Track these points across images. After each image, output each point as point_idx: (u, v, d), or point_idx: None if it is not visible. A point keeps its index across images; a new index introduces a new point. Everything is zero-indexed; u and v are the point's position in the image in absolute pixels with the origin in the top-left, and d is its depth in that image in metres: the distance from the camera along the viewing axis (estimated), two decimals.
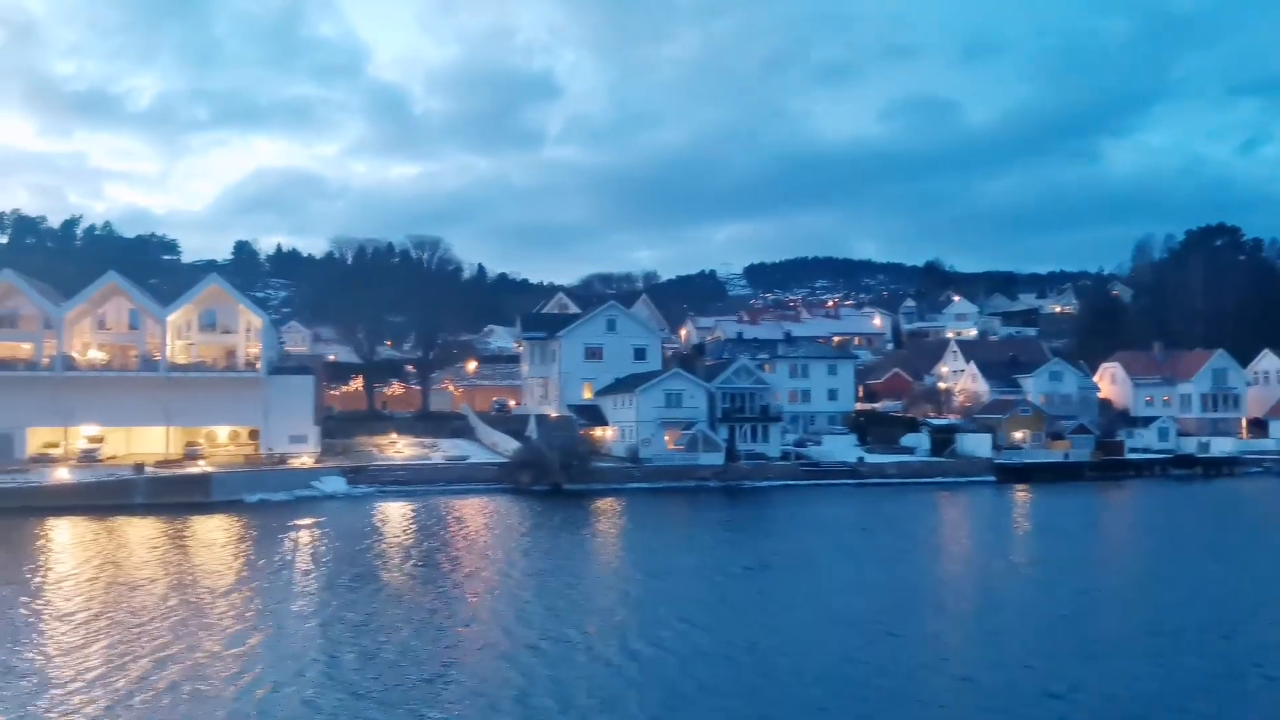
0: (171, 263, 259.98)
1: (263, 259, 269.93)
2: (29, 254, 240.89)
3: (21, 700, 27.68)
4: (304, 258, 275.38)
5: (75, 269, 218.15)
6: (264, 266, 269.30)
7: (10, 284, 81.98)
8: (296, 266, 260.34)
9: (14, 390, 79.97)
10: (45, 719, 26.37)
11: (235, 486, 74.61)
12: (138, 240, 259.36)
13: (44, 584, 44.23)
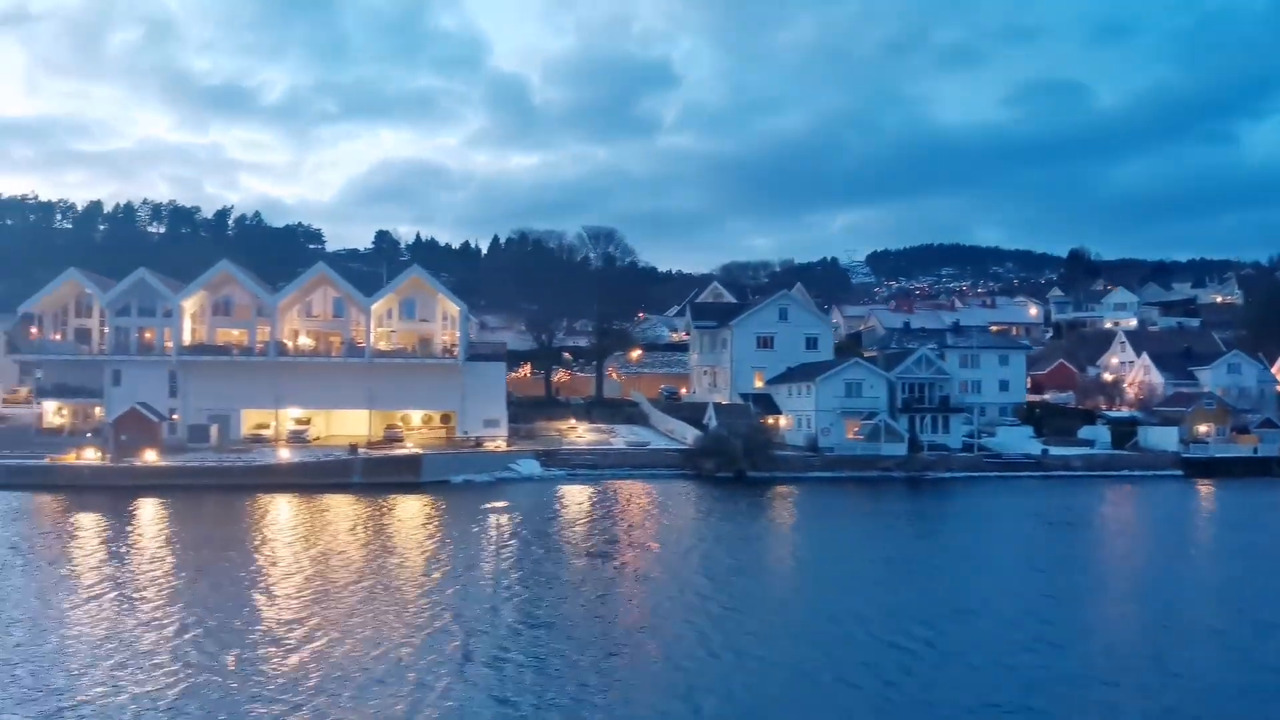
0: (316, 251, 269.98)
1: (402, 248, 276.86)
2: (184, 243, 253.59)
3: (236, 660, 29.65)
4: (441, 247, 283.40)
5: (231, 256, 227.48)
6: (403, 255, 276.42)
7: (227, 273, 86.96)
8: (434, 255, 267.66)
9: (230, 374, 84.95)
10: (244, 675, 28.13)
11: (442, 468, 77.95)
12: (285, 230, 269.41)
13: (271, 555, 47.02)
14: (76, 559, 45.27)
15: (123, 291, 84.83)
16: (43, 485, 70.62)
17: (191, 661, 29.15)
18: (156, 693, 26.38)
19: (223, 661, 29.24)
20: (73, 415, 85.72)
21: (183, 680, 27.40)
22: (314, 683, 27.33)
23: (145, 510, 62.07)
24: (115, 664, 28.84)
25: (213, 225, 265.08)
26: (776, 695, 27.27)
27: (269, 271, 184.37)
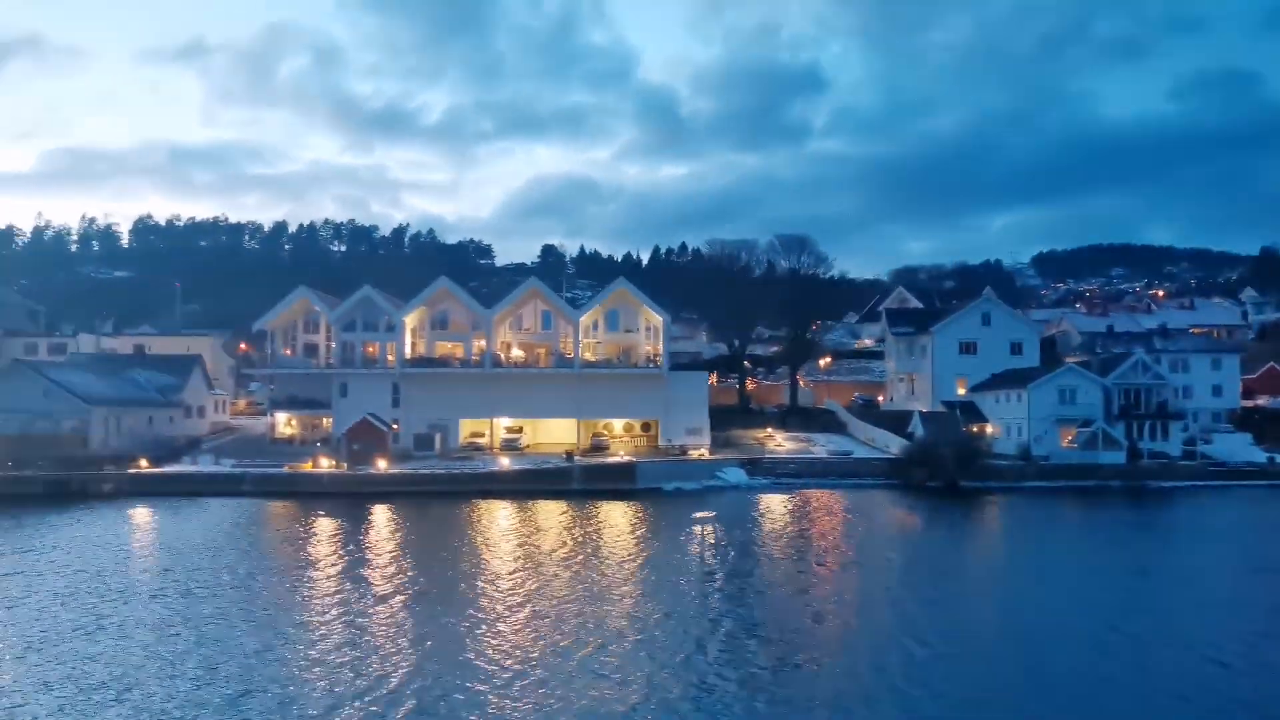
0: (486, 266, 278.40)
1: (567, 261, 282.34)
2: (363, 260, 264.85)
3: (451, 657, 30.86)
4: (604, 259, 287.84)
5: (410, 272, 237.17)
6: (568, 268, 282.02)
7: (445, 289, 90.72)
8: (596, 267, 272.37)
9: (448, 385, 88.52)
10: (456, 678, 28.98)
11: (655, 475, 79.33)
12: (457, 245, 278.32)
13: (505, 556, 48.81)
14: (339, 560, 48.01)
15: (348, 308, 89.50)
16: (287, 492, 74.99)
17: (429, 654, 31.07)
18: (397, 685, 28.11)
19: (455, 652, 31.25)
20: (301, 426, 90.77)
21: (416, 674, 29.12)
22: (535, 674, 28.86)
23: (380, 515, 65.24)
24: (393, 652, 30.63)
25: (389, 242, 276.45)
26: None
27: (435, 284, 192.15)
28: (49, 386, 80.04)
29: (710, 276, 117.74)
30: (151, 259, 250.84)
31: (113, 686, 27.84)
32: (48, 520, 61.63)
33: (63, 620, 35.46)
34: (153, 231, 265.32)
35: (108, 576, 43.57)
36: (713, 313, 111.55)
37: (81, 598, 39.17)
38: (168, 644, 32.30)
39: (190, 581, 42.50)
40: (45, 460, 76.19)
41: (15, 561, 47.05)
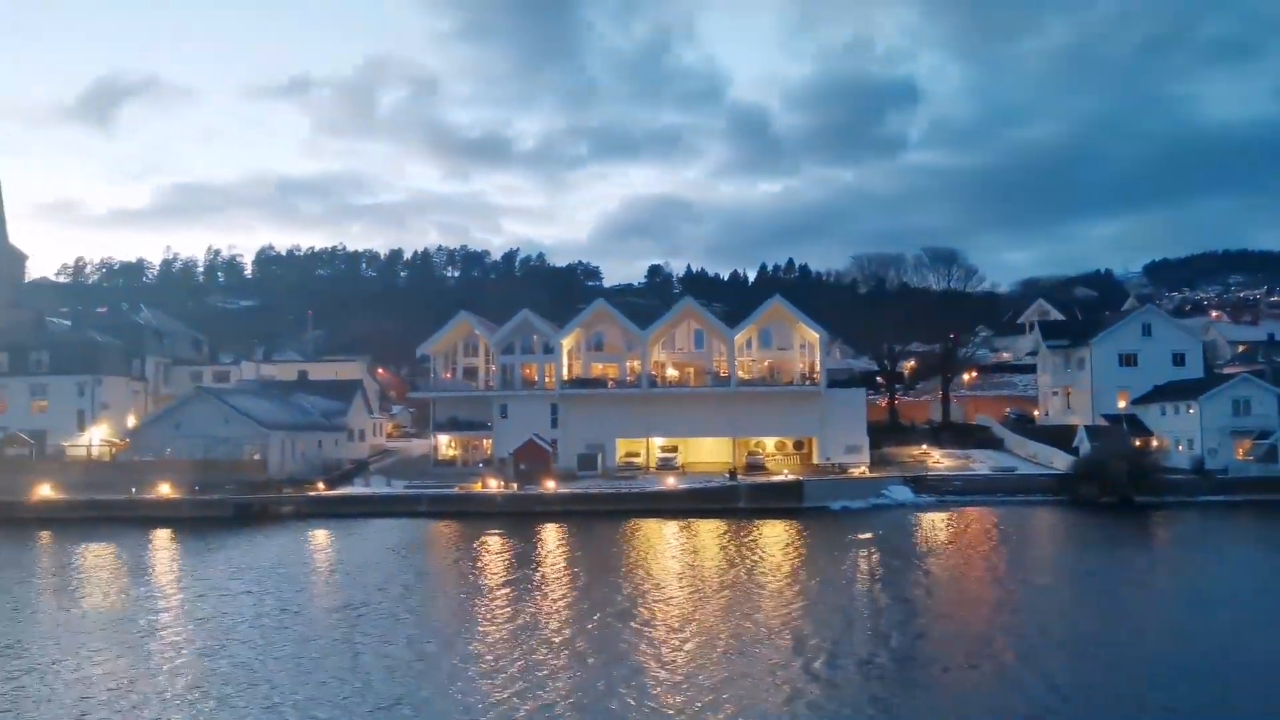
0: (594, 288, 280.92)
1: (674, 280, 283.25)
2: (477, 284, 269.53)
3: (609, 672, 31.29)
4: (710, 277, 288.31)
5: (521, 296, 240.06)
6: (675, 288, 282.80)
7: (602, 311, 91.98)
8: (703, 286, 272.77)
9: (605, 406, 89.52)
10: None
11: (822, 493, 78.93)
12: (567, 268, 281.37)
13: (668, 576, 48.82)
14: (520, 577, 48.96)
15: (508, 332, 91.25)
16: (461, 513, 76.45)
17: (606, 669, 31.66)
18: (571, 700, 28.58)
19: (626, 667, 31.80)
20: (463, 447, 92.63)
21: (588, 688, 29.60)
22: (707, 692, 28.92)
23: (551, 534, 66.26)
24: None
25: (500, 267, 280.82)
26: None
27: (553, 308, 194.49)
28: (230, 413, 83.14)
29: (849, 292, 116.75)
30: (274, 288, 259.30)
31: (303, 702, 28.90)
32: (235, 541, 64.19)
33: (250, 636, 37.12)
34: (274, 261, 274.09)
35: (295, 595, 45.43)
36: (854, 328, 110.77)
37: (272, 615, 40.85)
38: (352, 659, 33.46)
39: (378, 598, 44.08)
40: (231, 484, 79.16)
41: (208, 581, 49.08)
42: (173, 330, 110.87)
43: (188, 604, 43.77)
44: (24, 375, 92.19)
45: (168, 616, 41.14)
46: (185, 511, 75.82)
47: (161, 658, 34.19)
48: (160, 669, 32.64)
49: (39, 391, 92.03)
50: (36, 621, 40.97)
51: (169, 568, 56.00)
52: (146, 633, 38.09)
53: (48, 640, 37.08)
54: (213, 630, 38.14)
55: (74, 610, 43.14)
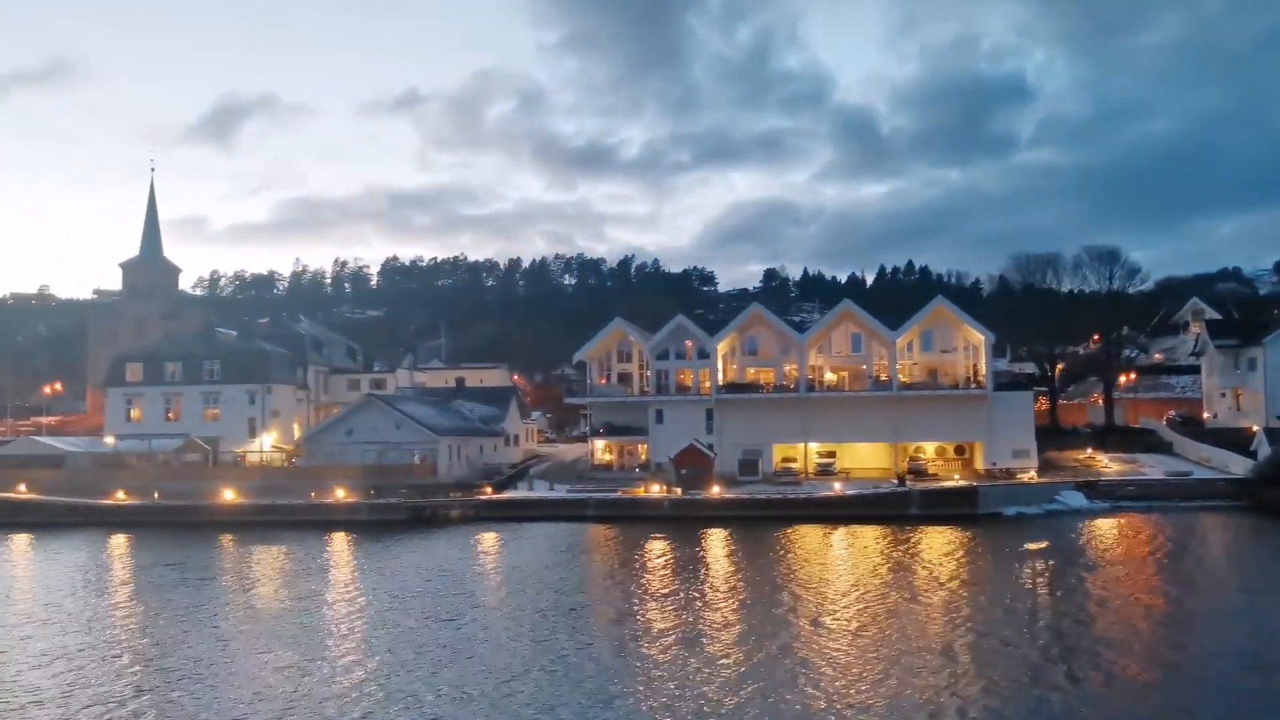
0: (709, 293, 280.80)
1: (791, 284, 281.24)
2: (593, 291, 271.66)
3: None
4: (828, 280, 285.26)
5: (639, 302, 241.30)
6: (792, 291, 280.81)
7: (758, 314, 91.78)
8: (821, 288, 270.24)
9: (761, 411, 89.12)
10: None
11: (995, 500, 77.12)
12: (683, 274, 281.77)
13: (842, 582, 48.33)
14: (695, 582, 49.30)
15: (663, 337, 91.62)
16: (627, 517, 76.81)
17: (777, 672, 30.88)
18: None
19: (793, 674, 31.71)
20: (619, 452, 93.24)
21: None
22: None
23: (717, 539, 66.14)
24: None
25: (616, 273, 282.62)
26: None
27: (670, 314, 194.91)
28: (400, 419, 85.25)
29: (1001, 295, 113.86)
30: (399, 298, 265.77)
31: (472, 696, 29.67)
32: (412, 543, 66.09)
33: (427, 636, 38.12)
34: (398, 272, 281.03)
35: (465, 596, 46.71)
36: (1008, 329, 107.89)
37: (445, 615, 42.02)
38: (557, 658, 34.23)
39: (566, 599, 45.35)
40: (404, 488, 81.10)
41: (386, 581, 50.81)
42: (329, 340, 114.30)
43: (379, 602, 45.42)
44: (197, 384, 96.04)
45: (362, 615, 42.75)
46: (362, 515, 77.90)
47: (354, 655, 35.56)
48: (362, 666, 33.91)
49: (211, 400, 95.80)
50: (223, 618, 42.65)
51: (356, 568, 57.75)
52: (343, 632, 39.62)
53: (233, 637, 38.84)
54: (404, 629, 39.45)
55: (265, 608, 45.00)
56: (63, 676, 32.96)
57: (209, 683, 32.09)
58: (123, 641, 38.59)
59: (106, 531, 75.74)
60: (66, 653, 36.21)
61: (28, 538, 73.71)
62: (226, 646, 37.35)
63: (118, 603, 47.29)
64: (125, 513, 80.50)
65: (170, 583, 52.13)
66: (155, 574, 55.35)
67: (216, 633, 39.71)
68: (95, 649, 37.03)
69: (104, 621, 42.42)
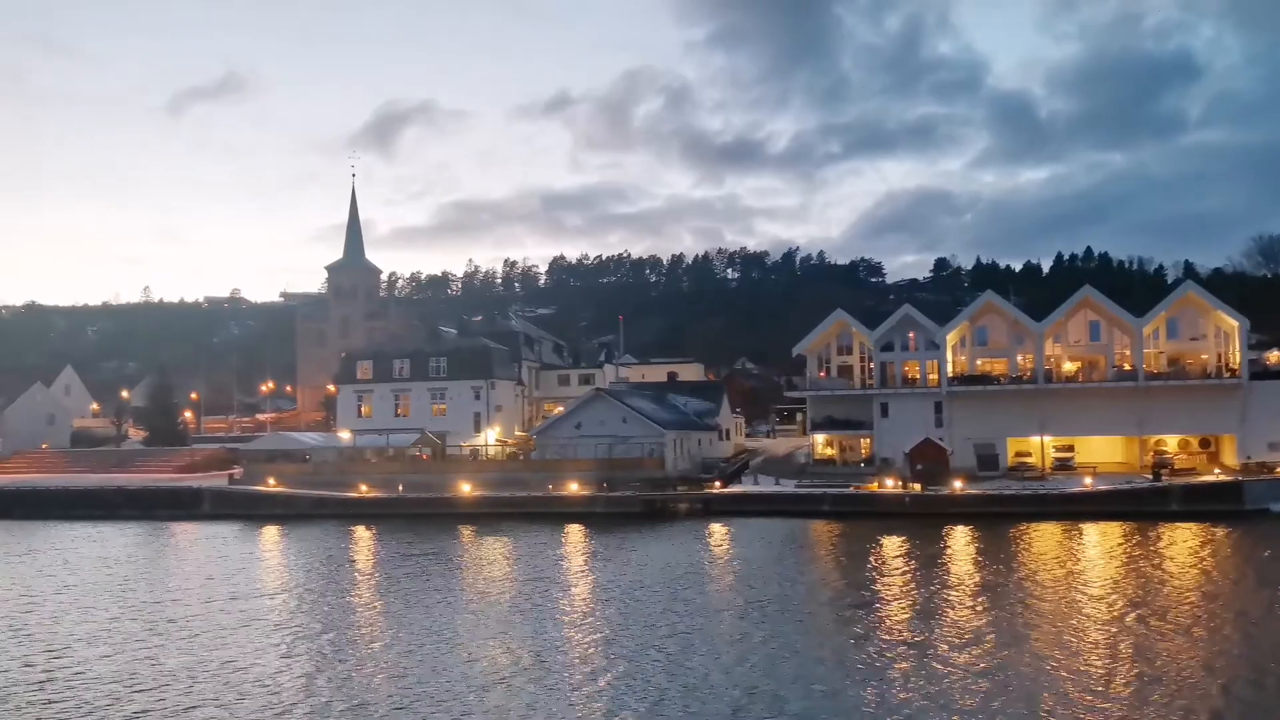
0: (877, 284, 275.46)
1: (963, 274, 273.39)
2: (756, 285, 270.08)
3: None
4: (1001, 269, 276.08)
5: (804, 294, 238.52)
6: (963, 280, 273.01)
7: (990, 304, 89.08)
8: (997, 277, 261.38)
9: (993, 403, 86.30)
10: None
11: (1262, 495, 72.66)
12: (849, 265, 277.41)
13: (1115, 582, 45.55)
14: (980, 579, 46.54)
15: (887, 329, 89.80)
16: (864, 513, 75.27)
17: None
18: None
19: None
20: (840, 446, 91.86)
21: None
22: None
23: (960, 536, 64.08)
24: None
25: (781, 267, 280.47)
26: None
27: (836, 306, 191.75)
28: (628, 413, 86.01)
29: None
30: (566, 296, 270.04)
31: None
32: (642, 536, 66.34)
33: (668, 625, 37.92)
34: (565, 271, 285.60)
35: (707, 587, 46.86)
36: None
37: (686, 606, 41.82)
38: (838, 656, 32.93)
39: (824, 593, 44.73)
40: (635, 482, 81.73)
41: (631, 571, 51.21)
42: (539, 337, 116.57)
43: (622, 590, 45.89)
44: (424, 380, 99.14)
45: (611, 601, 43.39)
46: (598, 508, 78.76)
47: (599, 641, 35.73)
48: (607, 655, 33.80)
49: (438, 395, 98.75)
50: (465, 608, 43.14)
51: (601, 558, 57.94)
52: (590, 618, 39.96)
53: (480, 624, 39.33)
54: (648, 618, 39.54)
55: (516, 595, 45.65)
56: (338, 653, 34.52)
57: (470, 666, 32.67)
58: (377, 624, 40.31)
59: (349, 523, 78.86)
60: (334, 630, 38.26)
61: (277, 528, 77.31)
62: (477, 629, 38.23)
63: (375, 588, 49.49)
64: (369, 505, 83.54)
65: (420, 570, 53.83)
66: (412, 563, 56.86)
67: (470, 617, 40.56)
68: (357, 629, 39.07)
69: (364, 606, 44.69)
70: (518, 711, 27.29)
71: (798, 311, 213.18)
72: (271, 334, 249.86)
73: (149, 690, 29.86)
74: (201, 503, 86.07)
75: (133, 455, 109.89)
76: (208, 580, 51.67)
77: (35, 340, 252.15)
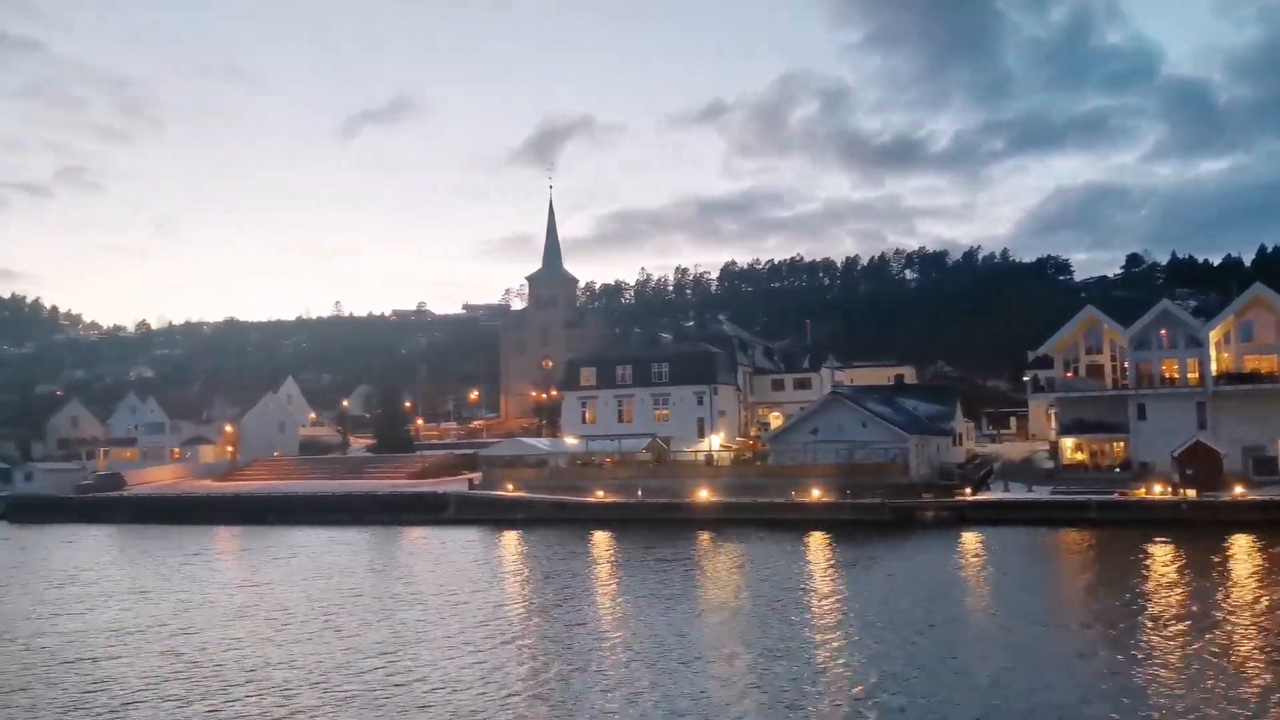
0: (1064, 282, 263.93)
1: (1158, 269, 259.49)
2: (937, 286, 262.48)
3: None
4: (1200, 264, 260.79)
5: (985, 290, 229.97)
6: (1158, 276, 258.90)
7: (1258, 297, 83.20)
8: (1194, 273, 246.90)
9: (1267, 403, 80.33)
10: None
11: None
12: (1035, 263, 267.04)
13: None
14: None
15: (1143, 326, 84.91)
16: (1135, 520, 70.83)
17: None
18: None
19: None
20: (1089, 450, 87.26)
21: None
22: None
23: (1242, 546, 59.23)
24: None
25: (960, 266, 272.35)
26: None
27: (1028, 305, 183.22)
28: (867, 417, 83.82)
29: None
30: (740, 302, 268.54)
31: None
32: (891, 545, 64.05)
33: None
34: (736, 276, 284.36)
35: (971, 602, 44.24)
36: None
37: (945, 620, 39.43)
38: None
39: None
40: (878, 488, 79.39)
41: (898, 583, 49.15)
42: (750, 341, 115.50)
43: (890, 601, 44.04)
44: (646, 386, 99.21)
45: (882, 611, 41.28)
46: (845, 515, 76.81)
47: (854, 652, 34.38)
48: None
49: (661, 400, 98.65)
50: (716, 617, 42.18)
51: (857, 568, 55.88)
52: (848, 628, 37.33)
53: (726, 627, 38.89)
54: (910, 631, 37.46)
55: (760, 602, 44.72)
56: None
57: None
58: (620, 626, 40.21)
59: (587, 527, 79.17)
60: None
61: (516, 534, 78.24)
62: (721, 635, 37.49)
63: (619, 590, 49.78)
64: (606, 509, 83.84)
65: (662, 575, 53.44)
66: (655, 568, 56.45)
67: (723, 629, 39.66)
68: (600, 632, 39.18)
69: (608, 609, 44.93)
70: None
71: (995, 310, 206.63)
72: (454, 345, 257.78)
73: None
74: (447, 507, 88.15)
75: (365, 462, 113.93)
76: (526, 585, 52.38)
77: (235, 354, 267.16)
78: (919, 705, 27.80)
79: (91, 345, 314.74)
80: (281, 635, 39.36)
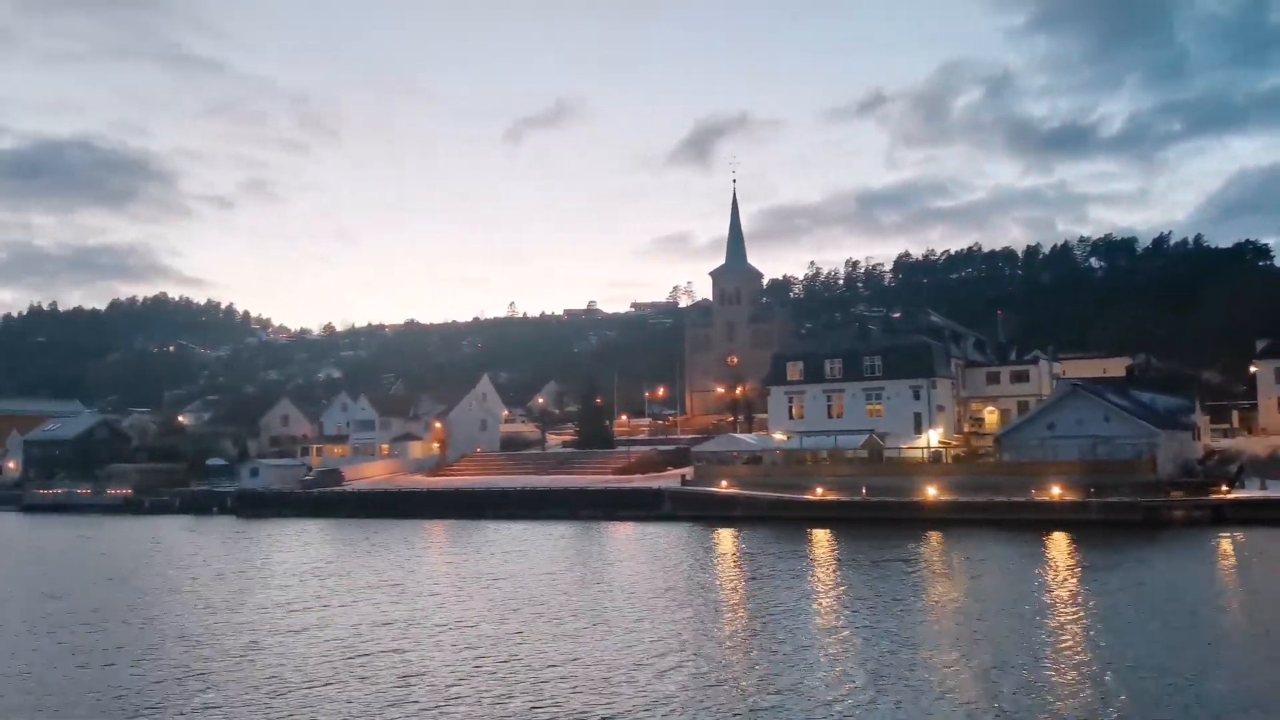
0: (1265, 268, 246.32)
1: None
2: (1127, 275, 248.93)
3: None
4: None
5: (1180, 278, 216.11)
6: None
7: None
8: None
9: None
10: None
11: None
12: (1234, 249, 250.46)
13: None
14: None
15: None
16: None
17: None
18: None
19: None
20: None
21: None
22: None
23: None
24: None
25: (1151, 253, 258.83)
26: None
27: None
28: (1110, 410, 79.27)
29: None
30: (914, 294, 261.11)
31: None
32: (1142, 548, 59.26)
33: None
34: (909, 269, 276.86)
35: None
36: None
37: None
38: None
39: None
40: (1124, 486, 74.78)
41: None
42: (961, 332, 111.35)
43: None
44: (858, 380, 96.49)
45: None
46: (1092, 515, 72.66)
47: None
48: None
49: (873, 395, 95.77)
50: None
51: (1109, 571, 51.43)
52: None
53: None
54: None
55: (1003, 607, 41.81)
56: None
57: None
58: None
59: (806, 525, 77.14)
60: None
61: (732, 531, 76.81)
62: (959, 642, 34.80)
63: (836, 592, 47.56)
64: (828, 508, 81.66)
65: (890, 576, 51.40)
66: (901, 571, 53.66)
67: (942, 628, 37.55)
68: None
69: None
70: None
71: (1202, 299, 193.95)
72: (625, 343, 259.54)
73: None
74: (662, 503, 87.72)
75: (568, 458, 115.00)
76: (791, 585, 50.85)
77: (416, 354, 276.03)
78: None
79: (282, 348, 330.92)
80: (559, 630, 38.69)
